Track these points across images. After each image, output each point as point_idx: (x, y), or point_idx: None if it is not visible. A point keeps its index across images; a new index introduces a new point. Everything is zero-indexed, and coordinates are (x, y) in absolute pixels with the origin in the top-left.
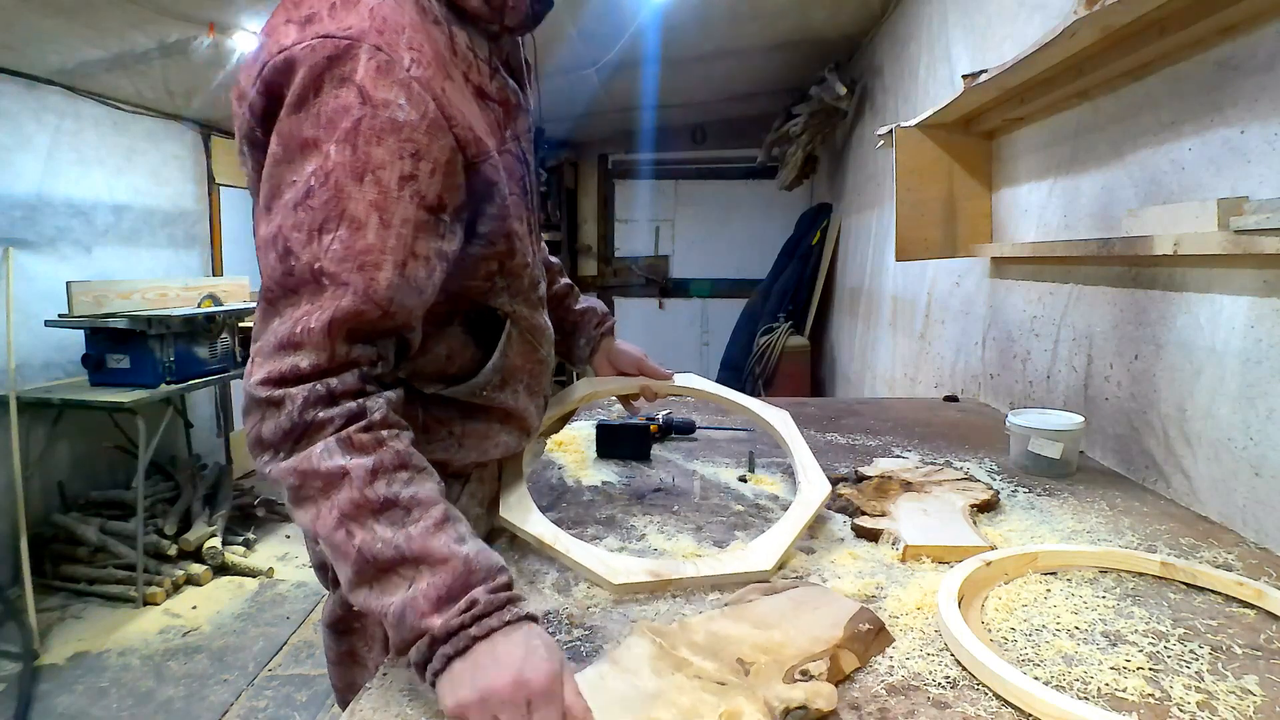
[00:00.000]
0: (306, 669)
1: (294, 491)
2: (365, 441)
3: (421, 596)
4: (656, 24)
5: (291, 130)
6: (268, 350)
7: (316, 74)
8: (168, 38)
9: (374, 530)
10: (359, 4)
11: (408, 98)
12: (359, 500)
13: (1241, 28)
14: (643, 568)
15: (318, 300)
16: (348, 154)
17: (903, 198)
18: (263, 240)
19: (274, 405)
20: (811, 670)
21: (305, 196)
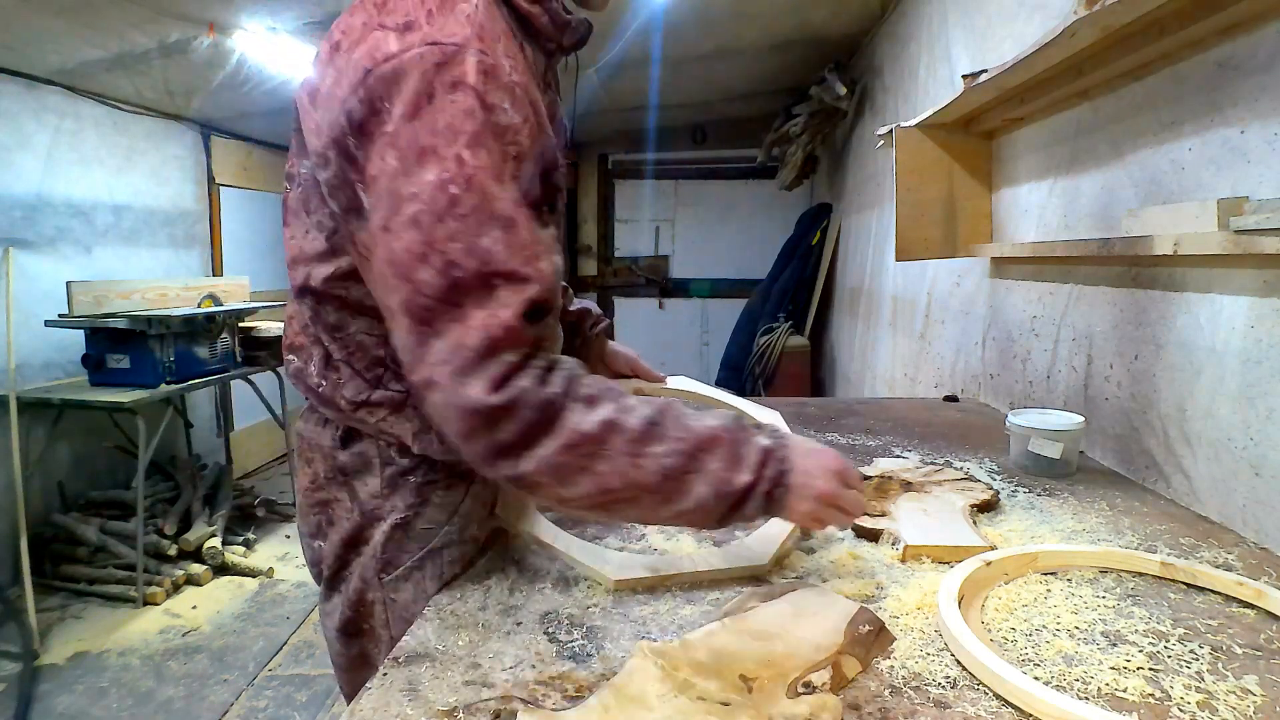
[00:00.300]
0: (306, 669)
1: (564, 470)
2: (592, 393)
3: (719, 472)
4: (657, 24)
5: (411, 139)
6: (470, 363)
7: (429, 81)
8: (168, 38)
9: (654, 452)
10: (455, 11)
11: (512, 102)
12: (633, 437)
13: (1241, 28)
14: (641, 564)
15: (492, 301)
16: (484, 157)
17: (903, 198)
18: (412, 254)
19: (507, 409)
20: (814, 681)
21: (450, 205)
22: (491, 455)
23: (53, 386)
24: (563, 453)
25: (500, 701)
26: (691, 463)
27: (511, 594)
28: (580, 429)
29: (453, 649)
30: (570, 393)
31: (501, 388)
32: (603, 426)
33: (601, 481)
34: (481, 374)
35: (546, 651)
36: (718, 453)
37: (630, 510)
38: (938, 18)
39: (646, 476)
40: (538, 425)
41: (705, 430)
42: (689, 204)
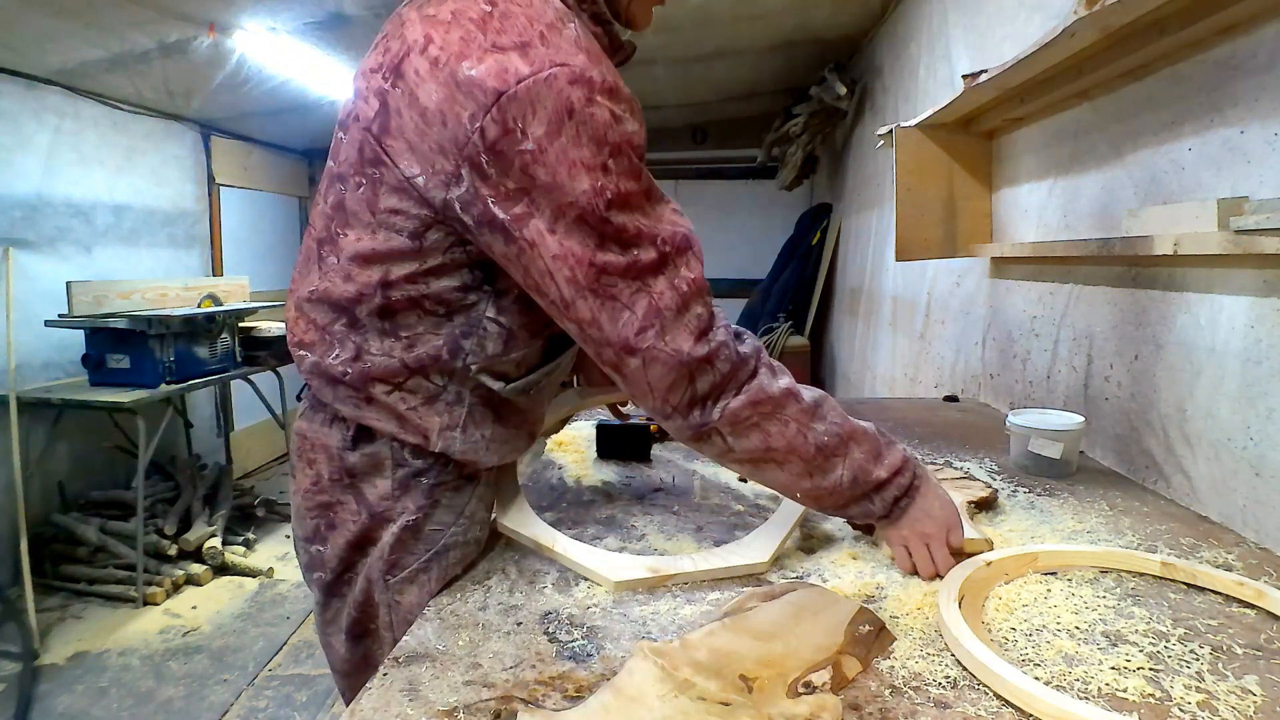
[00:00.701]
0: (306, 669)
1: (743, 423)
2: (777, 366)
3: (863, 462)
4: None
5: (559, 155)
6: (672, 319)
7: (566, 98)
8: (168, 38)
9: (816, 428)
10: (562, 34)
11: (631, 112)
12: (805, 409)
13: (1241, 28)
14: (641, 564)
15: (668, 266)
16: (625, 163)
17: (903, 198)
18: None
19: (708, 361)
20: (814, 681)
21: (608, 206)
22: (687, 405)
23: (53, 386)
24: (747, 407)
25: (500, 701)
26: (842, 445)
27: (511, 594)
28: (767, 390)
29: (453, 649)
30: (760, 357)
31: (703, 339)
32: (784, 393)
33: (768, 440)
34: (682, 329)
35: (546, 651)
36: (865, 444)
37: (777, 473)
38: (938, 18)
39: (805, 446)
40: (729, 378)
41: (859, 423)
42: (689, 204)
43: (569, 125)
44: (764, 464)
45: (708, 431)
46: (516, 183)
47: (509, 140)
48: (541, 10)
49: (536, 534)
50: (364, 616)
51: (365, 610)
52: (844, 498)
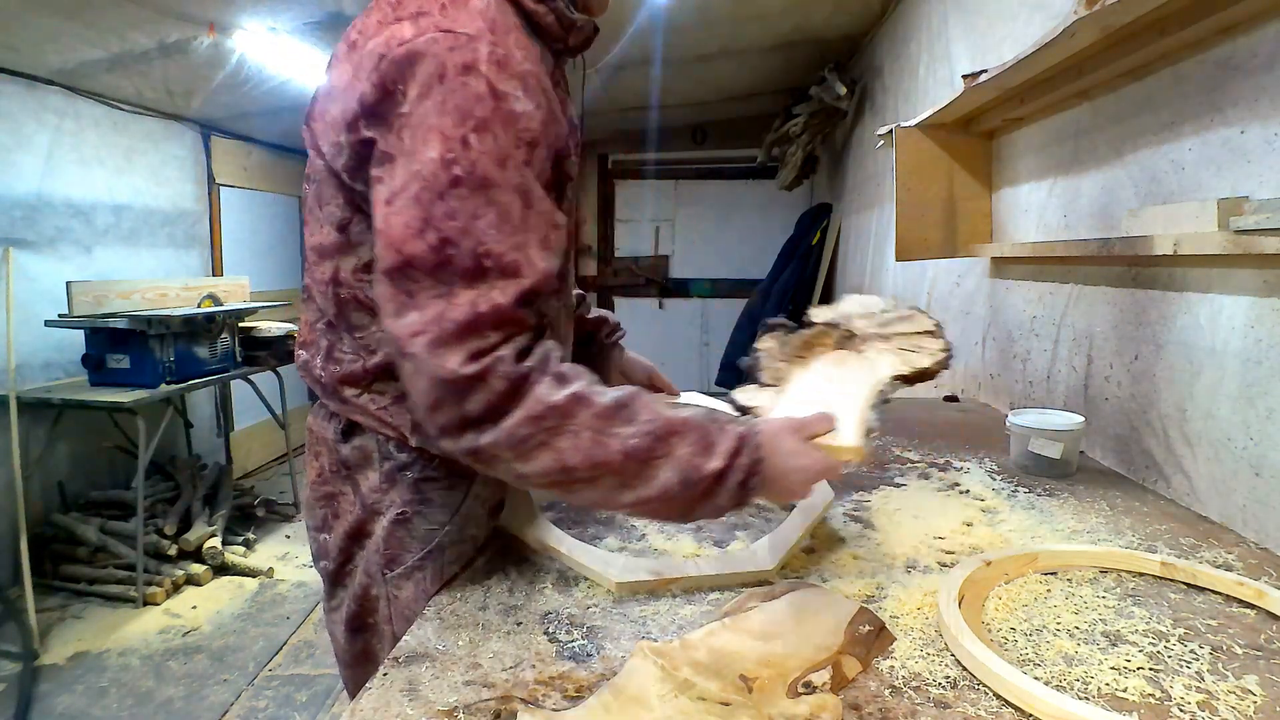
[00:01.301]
0: (306, 669)
1: (525, 443)
2: (568, 371)
3: (690, 457)
4: (657, 24)
5: (421, 120)
6: (451, 335)
7: (441, 63)
8: (168, 38)
9: (621, 433)
10: (467, 6)
11: (524, 89)
12: (600, 413)
13: (1241, 28)
14: (644, 567)
15: (481, 282)
16: (489, 143)
17: (903, 198)
18: (410, 228)
19: (478, 379)
20: (814, 681)
21: (451, 185)
22: (456, 427)
23: (53, 386)
24: (526, 424)
25: (500, 701)
26: (660, 446)
27: (511, 594)
28: (546, 400)
29: (453, 649)
30: (543, 367)
31: (475, 360)
32: (570, 399)
33: (561, 458)
34: (460, 348)
35: (546, 651)
36: (689, 437)
37: (589, 492)
38: (938, 18)
39: (609, 455)
40: (506, 396)
41: (676, 416)
42: (689, 204)
43: (437, 90)
44: (570, 484)
45: (487, 458)
46: (385, 146)
47: (387, 103)
48: None
49: (540, 535)
50: (362, 610)
51: (363, 604)
52: (681, 503)
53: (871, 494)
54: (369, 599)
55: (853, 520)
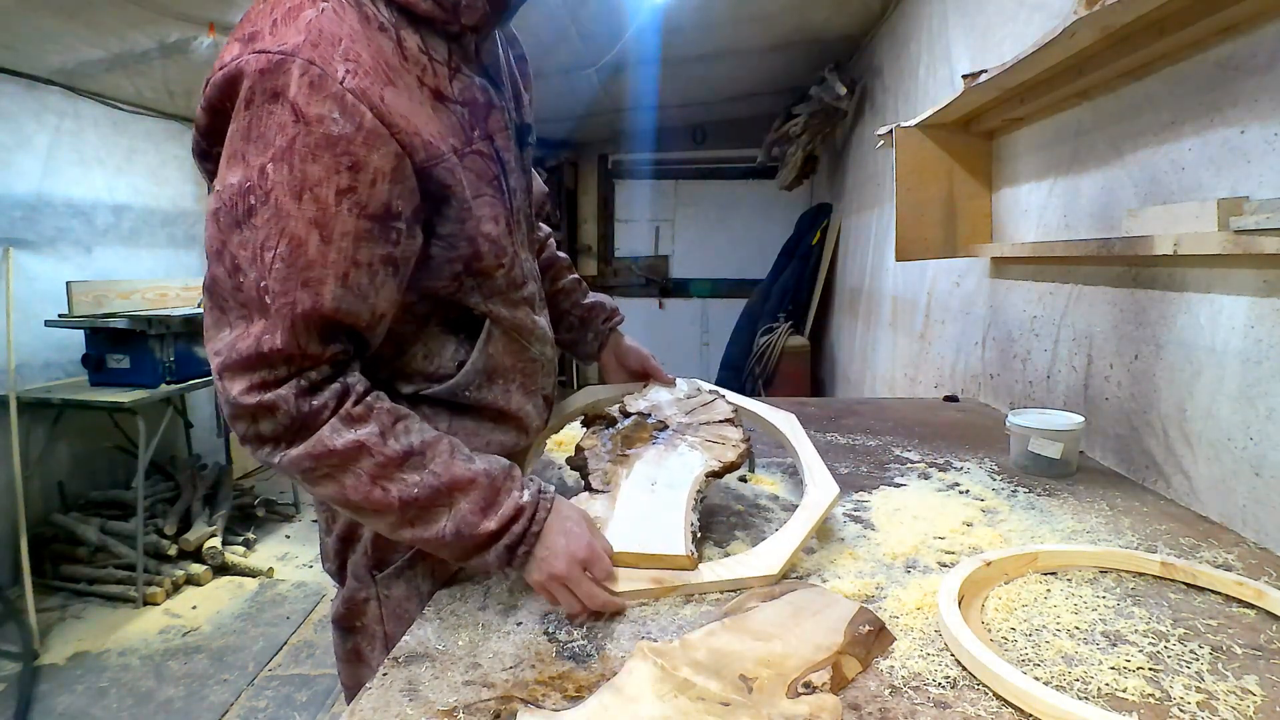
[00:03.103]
0: (306, 669)
1: (310, 473)
2: (360, 413)
3: (468, 514)
4: (656, 24)
5: (230, 143)
6: (236, 364)
7: (250, 88)
8: (168, 38)
9: (404, 480)
10: (297, 19)
11: (341, 111)
12: (382, 461)
13: (1241, 28)
14: (646, 575)
15: (267, 317)
16: (285, 173)
17: (903, 198)
18: (211, 248)
19: (265, 409)
20: (814, 681)
21: (248, 215)
22: (253, 441)
23: (53, 386)
24: (308, 459)
25: (500, 701)
26: (441, 497)
27: (511, 594)
28: (328, 444)
29: (453, 649)
30: (332, 408)
31: (257, 392)
32: (352, 446)
33: (343, 492)
34: (244, 377)
35: (546, 651)
36: (473, 495)
37: (374, 521)
38: (938, 18)
39: (387, 499)
40: (290, 430)
41: (466, 472)
42: (689, 204)
43: (243, 115)
44: (355, 512)
45: (281, 472)
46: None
47: (219, 123)
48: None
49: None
50: (349, 612)
51: (350, 606)
52: (454, 550)
53: (871, 494)
54: (356, 602)
55: (853, 520)
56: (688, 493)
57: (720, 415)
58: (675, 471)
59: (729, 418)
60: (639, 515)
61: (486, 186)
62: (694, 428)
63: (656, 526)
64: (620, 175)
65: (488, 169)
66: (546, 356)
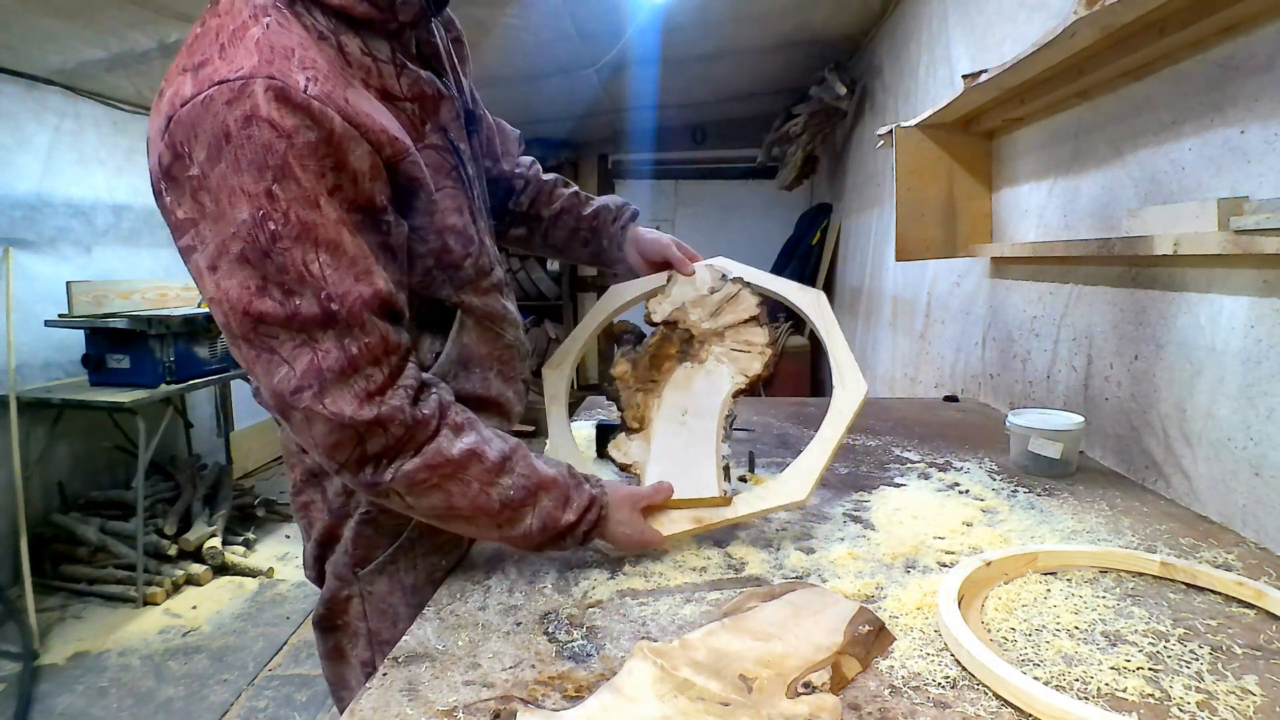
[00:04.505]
0: (306, 669)
1: (420, 485)
2: (462, 422)
3: (551, 510)
4: (656, 24)
5: (220, 182)
6: (333, 382)
7: (222, 121)
8: (168, 38)
9: (501, 484)
10: (244, 39)
11: (311, 118)
12: (489, 467)
13: (1241, 28)
14: (688, 516)
15: (337, 324)
16: (293, 189)
17: (903, 198)
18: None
19: (380, 424)
20: (814, 681)
21: (273, 241)
22: (356, 464)
23: (53, 386)
24: (424, 470)
25: (500, 701)
26: (530, 498)
27: (511, 594)
28: (446, 453)
29: (453, 649)
30: (442, 415)
31: (370, 401)
32: (466, 454)
33: (450, 500)
34: (345, 391)
35: (546, 651)
36: (553, 492)
37: (465, 527)
38: (938, 18)
39: (489, 504)
40: (406, 441)
41: (546, 472)
42: (689, 204)
43: (227, 149)
44: (449, 519)
45: (384, 491)
46: (186, 211)
47: (179, 166)
48: (237, 14)
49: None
50: (330, 612)
51: (331, 606)
52: (536, 541)
53: (871, 494)
54: (338, 600)
55: (853, 520)
56: (716, 424)
57: (746, 313)
58: (703, 396)
59: (754, 315)
60: (674, 456)
61: (446, 179)
62: (719, 334)
63: (691, 468)
64: (620, 175)
65: (445, 161)
66: (520, 341)
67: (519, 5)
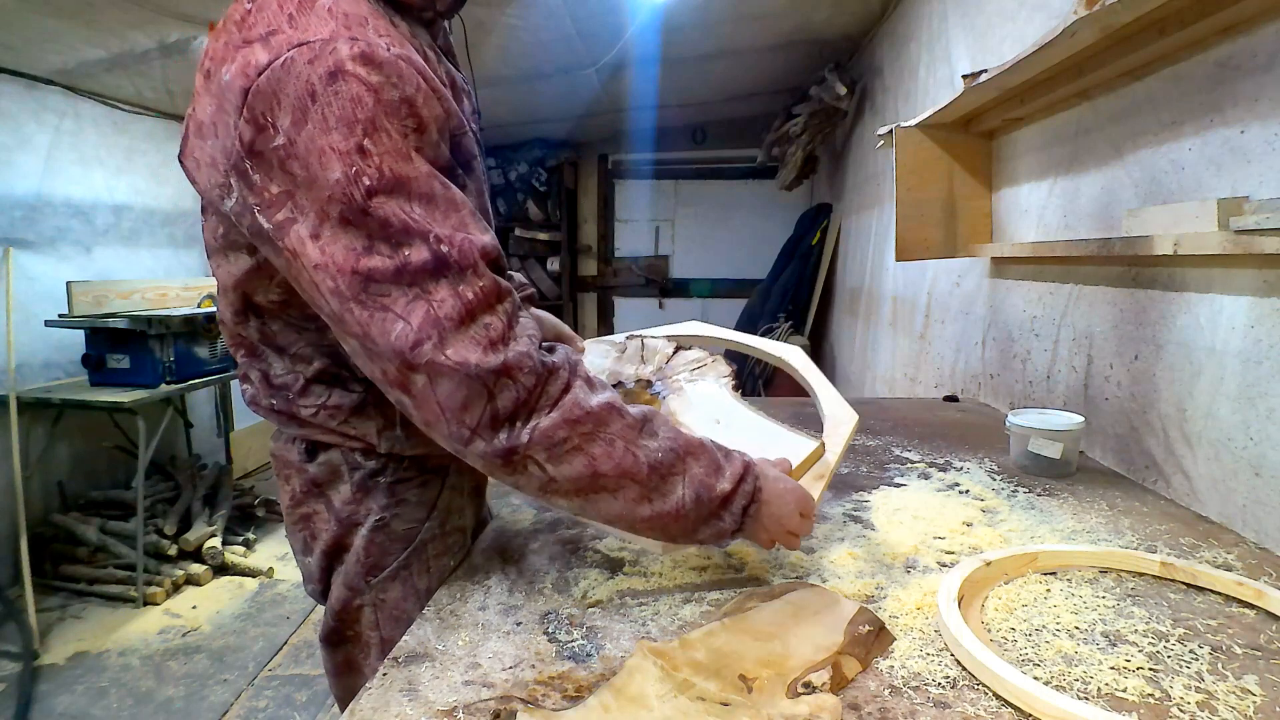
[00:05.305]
0: (306, 669)
1: (560, 446)
2: (594, 378)
3: (703, 477)
4: (656, 24)
5: (308, 145)
6: (455, 329)
7: (305, 80)
8: (168, 38)
9: (647, 445)
10: (314, 8)
11: (398, 75)
12: (630, 424)
13: (1241, 28)
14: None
15: (450, 271)
16: (385, 141)
17: (903, 198)
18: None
19: (506, 372)
20: (814, 681)
21: (368, 196)
22: (489, 425)
23: (53, 386)
24: (563, 426)
25: (500, 701)
26: (679, 462)
27: (511, 594)
28: (584, 406)
29: (453, 649)
30: (575, 369)
31: (494, 348)
32: (605, 407)
33: (594, 464)
34: (467, 339)
35: (546, 651)
36: (702, 458)
37: (611, 503)
38: (938, 18)
39: (637, 466)
40: (538, 392)
41: (692, 436)
42: (689, 204)
43: (314, 109)
44: (594, 494)
45: (521, 458)
46: (279, 185)
47: (263, 138)
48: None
49: None
50: (341, 624)
51: (342, 618)
52: (690, 520)
53: (871, 494)
54: (348, 611)
55: (853, 520)
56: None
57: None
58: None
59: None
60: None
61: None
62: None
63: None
64: (620, 175)
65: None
66: None
67: (519, 5)
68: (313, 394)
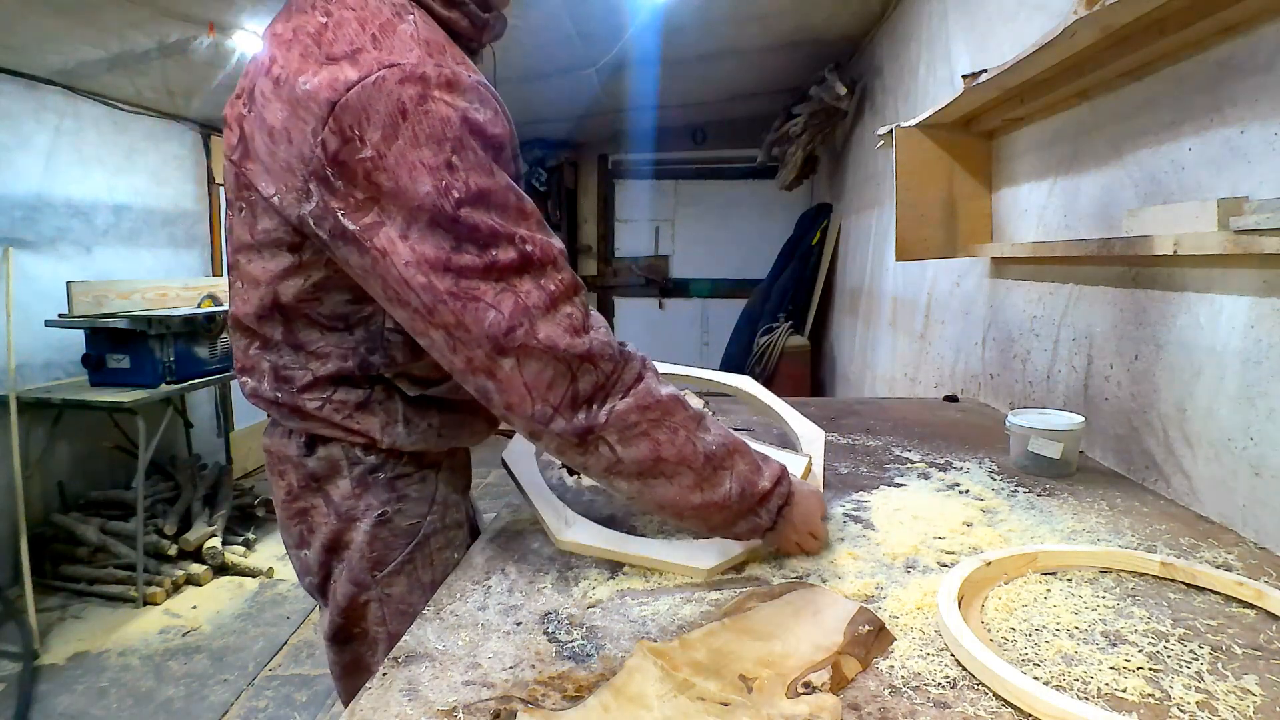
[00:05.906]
0: (306, 669)
1: (630, 429)
2: (660, 372)
3: (748, 473)
4: (656, 24)
5: (398, 159)
6: (543, 314)
7: (396, 99)
8: (168, 38)
9: (704, 437)
10: (396, 33)
11: (480, 100)
12: (691, 416)
13: (1241, 28)
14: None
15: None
16: (471, 158)
17: (903, 198)
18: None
19: (589, 356)
20: (814, 681)
21: (456, 207)
22: (570, 405)
23: (53, 386)
24: (635, 411)
25: (500, 701)
26: (729, 456)
27: (511, 594)
28: (655, 394)
29: (453, 649)
30: (644, 361)
31: (579, 335)
32: (672, 399)
33: (658, 449)
34: (554, 325)
35: (546, 651)
36: (747, 456)
37: (666, 488)
38: (938, 18)
39: (695, 455)
40: (614, 377)
41: (736, 437)
42: (689, 204)
43: (404, 127)
44: (654, 478)
45: (595, 438)
46: (364, 192)
47: (349, 150)
48: (376, 10)
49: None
50: (348, 621)
51: (348, 614)
52: (733, 512)
53: (871, 494)
54: (355, 607)
55: (853, 520)
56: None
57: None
58: None
59: None
60: None
61: None
62: None
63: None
64: (620, 175)
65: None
66: None
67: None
68: (320, 389)
